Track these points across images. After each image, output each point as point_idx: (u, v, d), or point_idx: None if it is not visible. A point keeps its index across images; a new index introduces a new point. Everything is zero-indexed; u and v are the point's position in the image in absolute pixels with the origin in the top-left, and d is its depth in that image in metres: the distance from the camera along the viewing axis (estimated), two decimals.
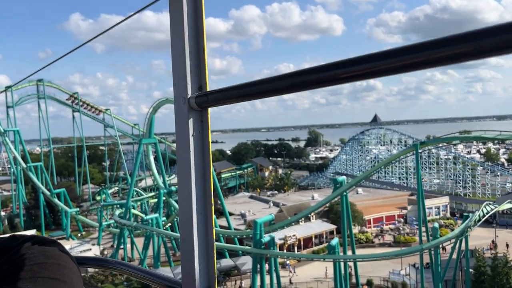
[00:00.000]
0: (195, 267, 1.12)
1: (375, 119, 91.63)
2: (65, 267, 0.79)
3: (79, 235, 64.00)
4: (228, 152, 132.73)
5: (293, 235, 46.90)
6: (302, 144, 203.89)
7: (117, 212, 51.92)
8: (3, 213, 72.21)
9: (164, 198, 67.04)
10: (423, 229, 36.53)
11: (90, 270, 49.51)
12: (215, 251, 1.16)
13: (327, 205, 59.00)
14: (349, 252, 36.67)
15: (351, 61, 0.70)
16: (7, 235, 0.89)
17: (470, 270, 32.23)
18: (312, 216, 53.66)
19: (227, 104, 1.04)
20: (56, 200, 61.91)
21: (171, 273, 38.28)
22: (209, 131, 1.13)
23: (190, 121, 1.10)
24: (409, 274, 37.85)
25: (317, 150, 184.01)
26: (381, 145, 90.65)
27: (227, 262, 39.99)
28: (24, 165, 63.56)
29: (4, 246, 0.82)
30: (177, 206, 29.19)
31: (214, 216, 1.17)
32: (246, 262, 39.43)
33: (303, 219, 49.46)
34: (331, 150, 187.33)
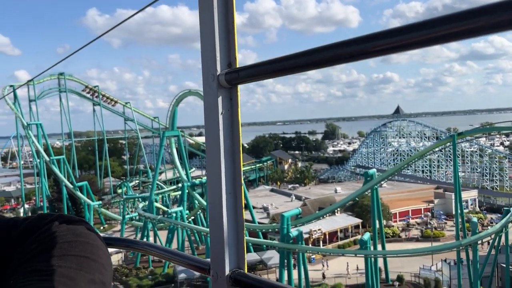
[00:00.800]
0: (225, 247, 1.11)
1: (397, 111, 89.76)
2: (93, 245, 0.80)
3: (102, 228, 64.24)
4: (246, 145, 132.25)
5: (319, 229, 46.09)
6: (319, 137, 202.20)
7: (140, 205, 51.73)
8: (26, 206, 73.00)
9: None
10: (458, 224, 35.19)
11: (114, 263, 49.70)
12: (244, 231, 1.12)
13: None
14: (379, 247, 35.73)
15: (383, 34, 0.68)
16: (35, 214, 0.90)
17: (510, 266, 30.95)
18: (337, 210, 52.73)
19: (258, 80, 1.01)
20: (78, 193, 62.10)
21: None
22: (239, 109, 1.11)
23: (220, 99, 1.09)
24: (441, 270, 36.69)
25: (335, 143, 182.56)
26: (404, 137, 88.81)
27: (252, 256, 39.36)
28: (47, 158, 63.91)
29: (33, 224, 0.83)
30: (200, 199, 28.74)
31: (243, 196, 1.12)
32: (272, 257, 38.79)
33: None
34: (349, 143, 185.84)
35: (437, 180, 78.99)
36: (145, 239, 48.39)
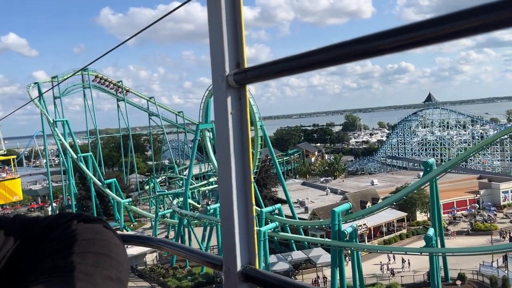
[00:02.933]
0: (236, 243, 1.14)
1: (429, 98, 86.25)
2: (111, 243, 0.83)
3: (132, 226, 62.81)
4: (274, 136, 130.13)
5: (364, 224, 43.61)
6: (337, 129, 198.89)
7: (174, 201, 49.95)
8: (54, 205, 72.03)
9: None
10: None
11: (149, 262, 48.04)
12: (255, 228, 1.15)
13: (394, 190, 55.41)
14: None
15: (390, 32, 0.67)
16: (54, 214, 0.94)
17: None
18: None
19: (266, 80, 1.05)
20: (107, 191, 60.70)
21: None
22: (248, 109, 1.14)
23: (229, 99, 1.11)
24: (505, 266, 33.93)
25: (356, 134, 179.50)
26: (438, 126, 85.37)
27: (298, 254, 37.19)
28: (74, 155, 62.60)
29: (53, 223, 0.87)
30: None
31: (253, 193, 1.16)
32: (320, 255, 36.51)
33: (369, 206, 46.09)
34: (371, 134, 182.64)
35: (474, 169, 75.55)
36: (168, 237, 46.79)
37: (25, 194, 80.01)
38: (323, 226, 36.92)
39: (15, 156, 46.05)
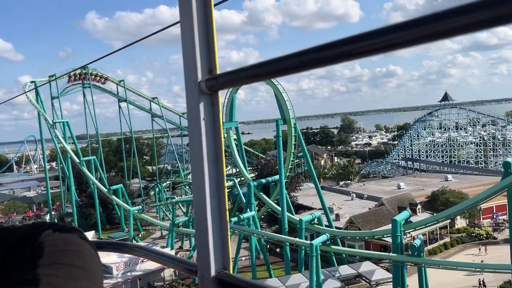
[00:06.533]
0: (210, 249, 1.14)
1: (445, 98, 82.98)
2: (84, 254, 0.80)
3: (140, 235, 57.77)
4: (274, 139, 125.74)
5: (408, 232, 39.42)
6: (332, 132, 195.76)
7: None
8: (53, 213, 66.58)
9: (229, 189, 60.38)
10: None
11: (166, 278, 43.23)
12: (229, 233, 1.17)
13: (429, 195, 51.48)
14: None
15: (362, 36, 0.67)
16: (29, 223, 0.89)
17: None
18: (418, 209, 46.17)
19: (237, 85, 1.12)
20: (114, 198, 55.71)
21: (282, 285, 31.34)
22: (220, 115, 1.14)
23: (201, 105, 1.11)
24: None
25: (354, 137, 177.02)
26: (457, 126, 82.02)
27: (347, 269, 32.81)
28: (76, 159, 57.50)
29: (26, 233, 0.83)
30: (268, 200, 20.73)
31: (226, 199, 1.18)
32: (374, 270, 32.21)
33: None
34: (370, 137, 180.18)
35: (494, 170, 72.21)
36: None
37: (19, 202, 74.58)
38: (376, 237, 32.59)
39: None
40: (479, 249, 41.12)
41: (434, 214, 32.01)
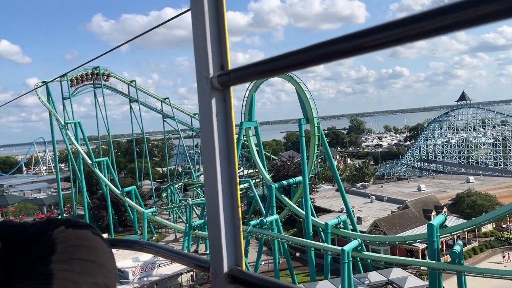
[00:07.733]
0: (222, 245, 1.14)
1: (463, 97, 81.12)
2: (98, 249, 0.82)
3: (153, 238, 56.48)
4: (283, 140, 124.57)
5: None
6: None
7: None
8: (64, 215, 65.46)
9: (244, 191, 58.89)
10: None
11: (184, 282, 41.91)
12: (241, 229, 1.17)
13: (453, 197, 49.82)
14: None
15: (373, 29, 0.68)
16: (43, 219, 0.91)
17: None
18: (444, 212, 44.39)
19: (249, 81, 1.08)
20: (128, 200, 54.49)
21: None
22: (232, 110, 1.14)
23: (213, 101, 1.12)
24: None
25: (363, 138, 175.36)
26: (473, 127, 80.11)
27: (376, 276, 31.21)
28: (89, 161, 56.31)
29: (40, 229, 0.85)
30: (290, 202, 18.34)
31: (239, 195, 1.18)
32: (406, 277, 30.55)
33: (434, 216, 40.46)
34: (380, 138, 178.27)
35: None
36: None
37: (30, 204, 73.65)
38: (407, 241, 30.98)
39: None
40: (503, 257, 38.71)
41: (473, 219, 30.23)
